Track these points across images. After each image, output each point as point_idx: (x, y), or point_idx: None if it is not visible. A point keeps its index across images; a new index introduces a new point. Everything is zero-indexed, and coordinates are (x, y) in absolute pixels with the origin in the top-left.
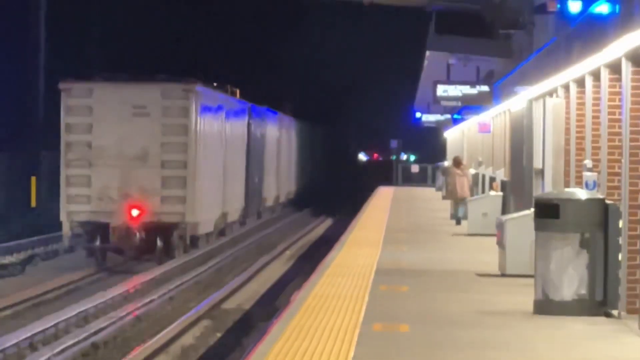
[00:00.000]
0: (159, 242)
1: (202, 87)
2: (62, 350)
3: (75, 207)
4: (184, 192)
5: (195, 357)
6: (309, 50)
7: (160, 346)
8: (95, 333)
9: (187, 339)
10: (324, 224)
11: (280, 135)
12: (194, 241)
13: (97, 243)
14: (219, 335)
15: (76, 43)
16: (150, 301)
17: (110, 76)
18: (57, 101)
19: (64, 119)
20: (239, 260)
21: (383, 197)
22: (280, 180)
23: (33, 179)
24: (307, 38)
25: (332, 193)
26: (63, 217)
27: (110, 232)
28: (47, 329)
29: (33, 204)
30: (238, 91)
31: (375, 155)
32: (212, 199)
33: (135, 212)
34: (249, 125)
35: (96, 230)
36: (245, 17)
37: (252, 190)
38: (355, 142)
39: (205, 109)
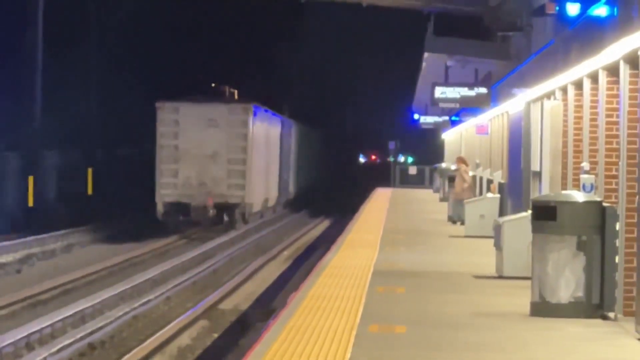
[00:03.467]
0: (225, 217)
1: (255, 106)
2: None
3: (165, 192)
4: (243, 181)
5: (192, 358)
6: (307, 51)
7: (156, 346)
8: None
9: (184, 340)
10: (322, 225)
11: (294, 140)
12: (249, 217)
13: (180, 218)
14: (215, 335)
15: (73, 41)
16: (147, 301)
17: (191, 97)
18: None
19: (159, 129)
20: (236, 260)
21: (380, 199)
22: (297, 177)
23: (31, 178)
24: (305, 39)
25: (330, 194)
26: (158, 199)
27: (191, 210)
28: (43, 328)
29: (30, 203)
30: (236, 92)
31: (373, 156)
32: (260, 187)
33: (208, 196)
34: (281, 134)
35: (181, 208)
36: (242, 17)
37: (283, 184)
38: (353, 143)
39: (257, 122)
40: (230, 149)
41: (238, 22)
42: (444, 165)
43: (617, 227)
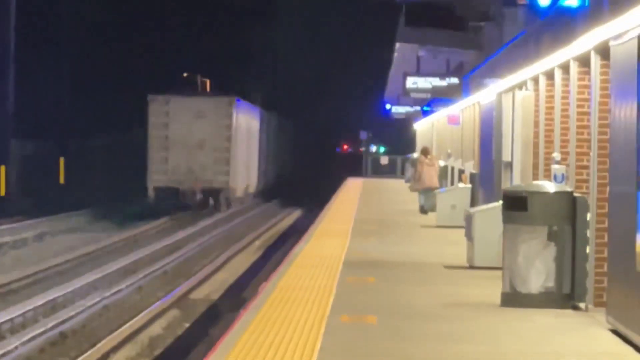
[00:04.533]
0: (211, 201)
1: (238, 99)
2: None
3: (156, 177)
4: (227, 167)
5: (163, 348)
6: (279, 41)
7: (127, 336)
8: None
9: (155, 329)
10: (293, 215)
11: (270, 130)
12: (232, 202)
13: (170, 201)
14: (186, 325)
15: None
16: (118, 291)
17: (180, 91)
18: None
19: (150, 119)
20: (207, 250)
21: (352, 189)
22: (274, 166)
23: (2, 167)
24: (278, 29)
25: (301, 184)
26: (149, 184)
27: (180, 194)
28: (14, 317)
29: (2, 192)
30: (208, 81)
31: (345, 146)
32: (242, 174)
33: (196, 181)
34: (259, 124)
35: (170, 192)
36: (213, 6)
37: (261, 172)
38: (325, 133)
39: (239, 114)
40: (215, 138)
41: (209, 12)
42: (415, 155)
43: (588, 217)
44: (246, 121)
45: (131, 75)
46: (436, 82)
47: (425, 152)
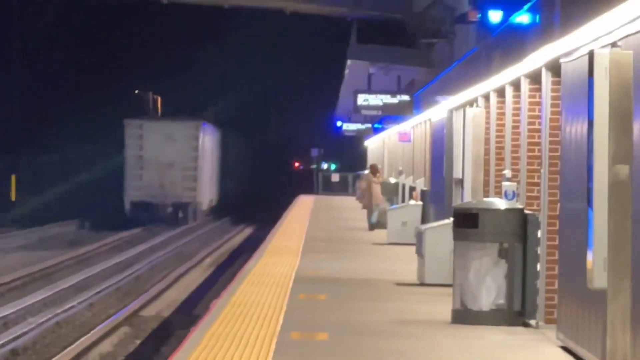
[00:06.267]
0: (180, 214)
1: (204, 123)
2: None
3: (132, 192)
4: (195, 184)
5: None
6: (230, 58)
7: (78, 353)
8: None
9: (106, 346)
10: (244, 232)
11: (228, 148)
12: (198, 215)
13: (145, 214)
14: (137, 342)
15: None
16: (70, 307)
17: (153, 116)
18: None
19: (126, 141)
20: (158, 267)
21: (303, 206)
22: (232, 182)
23: None
24: (230, 46)
25: (252, 201)
26: (125, 198)
27: (153, 207)
28: None
29: None
30: (159, 98)
31: (296, 164)
32: (207, 190)
33: (168, 196)
34: (220, 144)
35: (144, 206)
36: (167, 24)
37: (220, 187)
38: (277, 150)
39: (205, 136)
40: (184, 158)
41: (162, 28)
42: (366, 172)
43: (539, 234)
44: (210, 141)
45: (83, 91)
46: (387, 99)
47: (373, 170)
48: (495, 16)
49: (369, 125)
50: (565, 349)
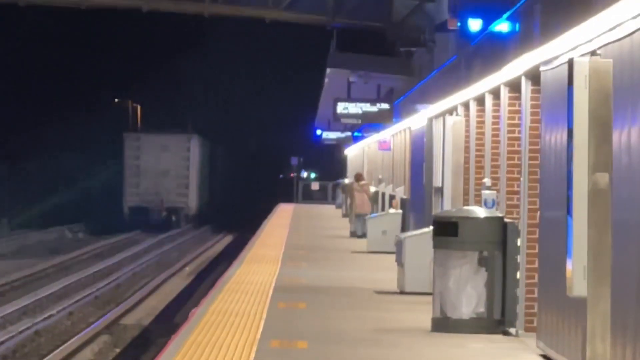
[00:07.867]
0: (173, 218)
1: (195, 135)
2: None
3: (130, 198)
4: (187, 191)
5: None
6: (210, 66)
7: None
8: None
9: (86, 355)
10: (224, 241)
11: (214, 158)
12: (189, 219)
13: (141, 218)
14: (117, 350)
15: None
16: (50, 316)
17: (150, 129)
18: None
19: (125, 152)
20: (138, 276)
21: (283, 215)
22: (217, 189)
23: None
24: (210, 55)
25: (232, 210)
26: (124, 203)
27: (149, 212)
28: None
29: None
30: (139, 107)
31: (279, 173)
32: (197, 196)
33: (162, 201)
34: (210, 154)
35: (141, 211)
36: (146, 32)
37: (210, 194)
38: (257, 159)
39: (195, 147)
40: (177, 168)
41: (142, 37)
42: (346, 180)
43: (519, 242)
44: (199, 152)
45: (65, 100)
46: (367, 107)
47: (357, 178)
48: (475, 25)
49: (349, 133)
50: (545, 357)
